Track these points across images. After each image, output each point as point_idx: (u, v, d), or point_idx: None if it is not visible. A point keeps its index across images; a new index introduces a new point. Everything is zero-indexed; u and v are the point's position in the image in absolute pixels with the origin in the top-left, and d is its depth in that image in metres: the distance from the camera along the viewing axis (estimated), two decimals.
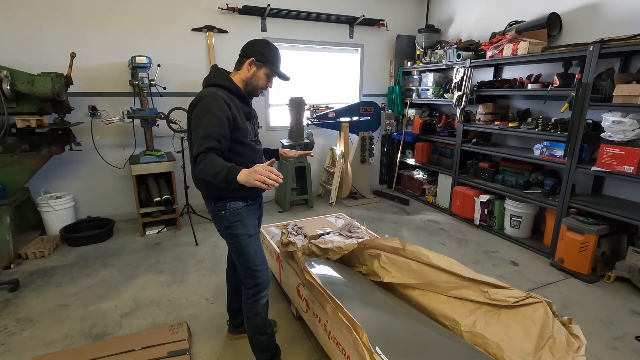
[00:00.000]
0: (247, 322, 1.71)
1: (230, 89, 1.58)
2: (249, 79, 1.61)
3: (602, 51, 2.60)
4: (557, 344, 1.41)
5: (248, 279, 1.64)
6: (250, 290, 1.64)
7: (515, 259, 3.15)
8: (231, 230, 1.61)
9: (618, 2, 2.87)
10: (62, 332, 2.15)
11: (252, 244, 1.62)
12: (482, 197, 3.75)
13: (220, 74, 1.61)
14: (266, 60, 1.59)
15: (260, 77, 1.61)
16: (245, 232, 1.61)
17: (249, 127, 1.63)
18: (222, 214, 1.60)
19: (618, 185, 3.00)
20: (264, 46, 1.60)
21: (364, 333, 1.38)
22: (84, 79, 3.47)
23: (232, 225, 1.60)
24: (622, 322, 2.28)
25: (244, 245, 1.61)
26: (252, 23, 4.12)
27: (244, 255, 1.61)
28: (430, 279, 1.86)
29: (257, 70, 1.60)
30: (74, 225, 3.55)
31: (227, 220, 1.60)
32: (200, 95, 1.52)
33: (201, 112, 1.47)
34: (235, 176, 1.31)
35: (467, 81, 3.76)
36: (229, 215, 1.60)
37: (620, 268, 2.69)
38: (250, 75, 1.60)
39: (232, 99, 1.56)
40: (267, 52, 1.59)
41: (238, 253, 1.63)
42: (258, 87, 1.63)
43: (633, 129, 2.45)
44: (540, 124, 3.18)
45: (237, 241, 1.61)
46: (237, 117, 1.54)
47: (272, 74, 1.63)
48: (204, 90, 1.56)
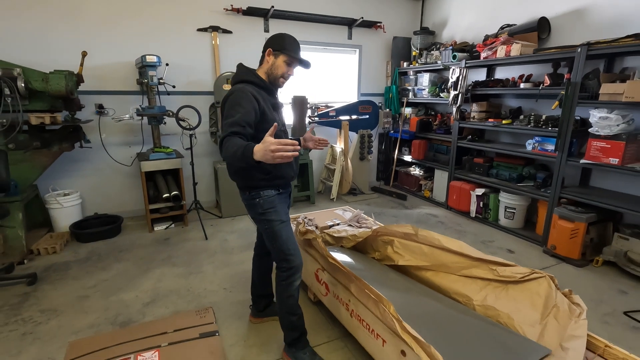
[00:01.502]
0: (279, 303, 1.80)
1: (257, 83, 1.70)
2: (269, 70, 1.71)
3: (589, 53, 2.82)
4: (560, 312, 1.58)
5: (282, 262, 1.73)
6: (285, 273, 1.73)
7: (510, 247, 3.35)
8: (265, 216, 1.72)
9: (602, 8, 3.11)
10: (88, 321, 2.22)
11: (284, 229, 1.73)
12: (478, 190, 3.95)
13: (247, 70, 1.73)
14: (282, 47, 1.68)
15: (280, 65, 1.70)
16: (278, 218, 1.72)
17: (276, 118, 1.74)
18: (257, 201, 1.71)
19: (604, 177, 3.24)
20: (279, 36, 1.71)
21: (390, 305, 1.52)
22: (90, 78, 3.51)
23: (266, 212, 1.71)
24: (611, 300, 2.49)
25: (277, 231, 1.71)
26: (255, 24, 4.23)
27: (277, 240, 1.72)
28: (442, 261, 2.02)
29: (275, 60, 1.70)
30: (81, 222, 3.59)
31: (261, 207, 1.71)
32: (230, 91, 1.65)
33: (230, 105, 1.58)
34: (251, 153, 1.33)
35: (463, 81, 3.96)
36: (263, 202, 1.71)
37: (607, 253, 2.92)
38: (270, 66, 1.71)
39: (259, 92, 1.68)
40: (281, 40, 1.70)
41: (272, 238, 1.73)
42: (279, 75, 1.72)
43: (618, 124, 2.67)
44: (532, 121, 3.40)
45: (271, 227, 1.71)
46: (265, 108, 1.66)
47: (290, 60, 1.71)
48: (234, 87, 1.67)
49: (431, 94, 4.71)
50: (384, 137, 5.35)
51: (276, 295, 1.81)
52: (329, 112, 4.61)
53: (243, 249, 3.24)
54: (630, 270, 2.74)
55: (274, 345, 2.00)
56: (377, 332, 1.68)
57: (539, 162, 3.71)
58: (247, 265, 2.92)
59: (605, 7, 3.09)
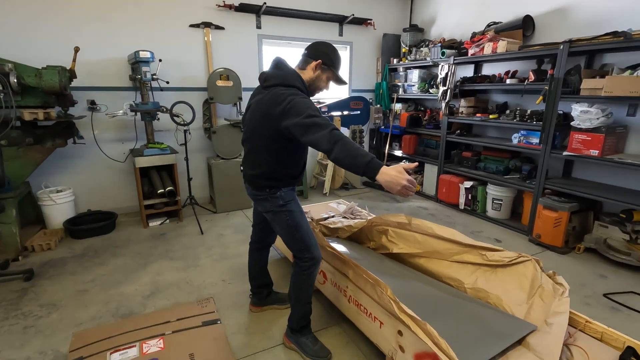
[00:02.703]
0: (298, 293, 1.81)
1: (303, 91, 1.64)
2: (312, 80, 1.70)
3: (571, 50, 2.96)
4: (545, 292, 1.69)
5: (304, 252, 1.74)
6: (307, 264, 1.75)
7: (498, 237, 3.49)
8: (287, 207, 1.74)
9: (584, 6, 3.25)
10: (89, 314, 2.25)
11: (304, 220, 1.78)
12: (466, 183, 4.09)
13: (297, 76, 1.66)
14: (332, 64, 1.69)
15: (323, 79, 1.71)
16: (298, 209, 1.77)
17: None
18: (278, 194, 1.73)
19: (585, 168, 3.40)
20: (332, 50, 1.70)
21: (388, 287, 1.61)
22: (83, 73, 3.49)
23: (287, 203, 1.74)
24: (592, 284, 2.64)
25: (299, 221, 1.75)
26: (247, 20, 4.26)
27: (299, 231, 1.73)
28: (435, 248, 2.12)
29: (321, 73, 1.70)
30: (75, 218, 3.58)
31: (282, 199, 1.73)
32: (285, 95, 1.52)
33: (305, 105, 1.48)
34: (377, 170, 1.32)
35: (451, 77, 4.08)
36: (284, 194, 1.74)
37: (589, 240, 3.08)
38: (314, 77, 1.70)
39: None
40: (333, 56, 1.70)
41: (294, 228, 1.74)
42: (318, 88, 1.73)
43: (598, 117, 2.82)
44: (518, 115, 3.54)
45: (292, 217, 1.74)
46: None
47: (333, 77, 1.74)
48: (289, 91, 1.55)
49: (421, 90, 4.82)
50: (375, 132, 5.45)
51: (294, 285, 1.82)
52: (321, 108, 4.68)
53: (240, 242, 3.29)
54: (610, 256, 2.89)
55: (276, 331, 2.07)
56: (374, 315, 1.76)
57: (524, 155, 3.85)
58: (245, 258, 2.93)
59: (587, 6, 3.23)
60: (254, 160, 1.76)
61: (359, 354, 1.90)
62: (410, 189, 1.33)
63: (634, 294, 2.49)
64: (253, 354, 1.90)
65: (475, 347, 1.46)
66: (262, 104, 1.63)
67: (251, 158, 1.78)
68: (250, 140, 1.75)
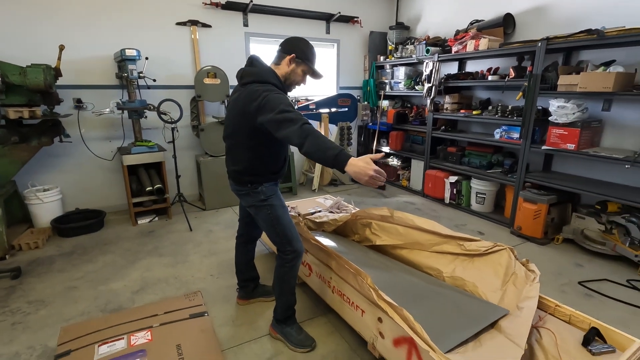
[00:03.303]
0: (280, 285, 1.87)
1: (279, 87, 1.67)
2: (287, 75, 1.73)
3: (548, 47, 3.05)
4: (518, 278, 1.78)
5: (286, 246, 1.79)
6: (289, 256, 1.80)
7: (481, 229, 3.59)
8: (268, 201, 1.78)
9: (561, 5, 3.35)
10: (78, 309, 2.28)
11: (286, 214, 1.82)
12: (451, 178, 4.18)
13: (271, 72, 1.69)
14: (306, 57, 1.72)
15: (298, 73, 1.74)
16: (279, 203, 1.82)
17: None
18: (259, 189, 1.77)
19: (563, 162, 3.51)
20: (304, 44, 1.73)
21: (368, 276, 1.67)
22: (69, 72, 3.48)
23: (269, 198, 1.79)
24: (568, 272, 2.75)
25: (281, 215, 1.79)
26: (234, 18, 4.28)
27: (280, 224, 1.78)
28: (416, 239, 2.20)
29: (296, 67, 1.72)
30: (63, 217, 3.58)
31: (264, 194, 1.78)
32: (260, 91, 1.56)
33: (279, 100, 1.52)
34: (345, 161, 1.37)
35: (436, 74, 4.16)
36: (266, 189, 1.79)
37: (567, 231, 3.19)
38: (289, 71, 1.73)
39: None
40: (306, 49, 1.73)
41: (275, 223, 1.78)
42: (294, 82, 1.76)
43: (574, 112, 2.92)
44: (499, 111, 3.64)
45: (274, 211, 1.78)
46: None
47: (308, 71, 1.76)
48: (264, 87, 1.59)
49: (407, 87, 4.90)
50: (363, 129, 5.52)
51: (277, 277, 1.88)
52: (309, 105, 4.73)
53: (228, 238, 3.33)
54: (586, 245, 3.01)
55: (262, 323, 2.13)
56: (356, 304, 1.83)
57: (506, 150, 3.96)
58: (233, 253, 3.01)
59: (564, 4, 3.33)
60: (235, 157, 1.81)
61: (343, 342, 1.97)
62: (377, 179, 1.37)
63: (607, 281, 2.60)
64: (240, 345, 1.95)
65: (450, 331, 1.54)
66: (238, 101, 1.68)
67: (232, 154, 1.83)
68: (230, 136, 1.80)
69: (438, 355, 1.31)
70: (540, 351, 1.48)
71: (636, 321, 2.17)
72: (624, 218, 2.77)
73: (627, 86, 2.71)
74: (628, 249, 2.73)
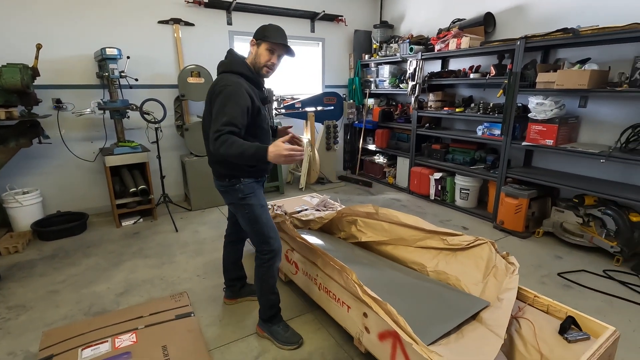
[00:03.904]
0: (260, 284, 1.87)
1: (249, 76, 1.72)
2: (254, 60, 1.74)
3: (527, 45, 3.13)
4: (499, 271, 1.83)
5: (263, 245, 1.80)
6: (266, 256, 1.81)
7: (465, 224, 3.66)
8: (245, 201, 1.78)
9: (539, 4, 3.44)
10: (61, 313, 2.23)
11: (264, 213, 1.82)
12: (436, 175, 4.25)
13: (241, 61, 1.73)
14: (263, 35, 1.69)
15: (262, 53, 1.71)
16: (258, 202, 1.80)
17: (266, 112, 1.79)
18: (237, 187, 1.77)
19: (543, 157, 3.61)
20: (262, 26, 1.74)
21: (353, 273, 1.70)
22: (47, 71, 3.39)
23: (247, 197, 1.78)
24: (548, 264, 2.83)
25: (258, 214, 1.79)
26: (218, 16, 4.24)
27: (258, 223, 1.78)
28: (400, 235, 2.23)
29: (257, 49, 1.72)
30: (44, 220, 3.49)
31: (241, 192, 1.77)
32: (224, 84, 1.62)
33: (226, 100, 1.58)
34: (265, 154, 1.47)
35: (419, 72, 4.22)
36: (244, 187, 1.78)
37: (547, 224, 3.28)
38: (254, 55, 1.73)
39: (251, 87, 1.71)
40: (263, 29, 1.72)
41: (253, 222, 1.79)
42: (262, 64, 1.72)
43: (552, 109, 3.00)
44: (481, 108, 3.71)
45: (252, 210, 1.78)
46: (259, 106, 1.72)
47: (272, 47, 1.70)
48: (227, 79, 1.65)
49: (392, 85, 4.95)
50: (349, 127, 5.55)
51: (257, 277, 1.88)
52: (295, 103, 4.72)
53: (215, 238, 3.31)
54: (565, 238, 3.10)
55: (249, 322, 2.13)
56: (342, 300, 1.85)
57: (489, 146, 4.04)
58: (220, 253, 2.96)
59: (542, 4, 3.42)
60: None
61: (329, 338, 1.99)
62: (293, 155, 1.48)
63: (585, 272, 2.70)
64: (227, 344, 1.95)
65: (432, 324, 1.57)
66: (209, 91, 1.73)
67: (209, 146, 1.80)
68: (205, 127, 1.80)
69: (421, 348, 1.34)
70: (520, 340, 1.53)
71: (612, 309, 2.26)
72: (600, 211, 2.87)
73: (601, 83, 2.81)
74: (604, 240, 2.83)
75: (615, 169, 3.06)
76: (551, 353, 1.43)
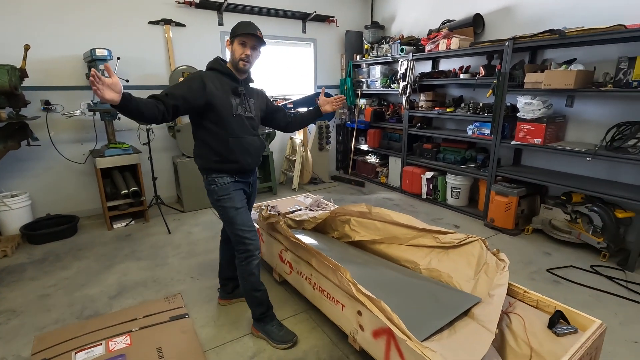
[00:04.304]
0: (242, 283, 1.92)
1: (220, 70, 1.83)
2: (232, 56, 1.82)
3: (515, 46, 3.19)
4: (490, 268, 1.86)
5: (239, 245, 1.86)
6: (242, 255, 1.86)
7: (457, 223, 3.71)
8: (220, 203, 1.84)
9: (526, 5, 3.51)
10: (52, 317, 2.21)
11: (239, 215, 1.84)
12: (428, 174, 4.29)
13: (215, 60, 1.88)
14: (233, 33, 1.79)
15: (236, 49, 1.79)
16: (232, 205, 1.83)
17: (233, 102, 1.82)
18: (212, 188, 1.84)
19: (532, 156, 3.68)
20: (234, 26, 1.81)
21: (347, 271, 1.72)
22: (35, 72, 3.35)
23: (221, 199, 1.83)
24: (537, 261, 2.89)
25: (232, 217, 1.83)
26: (209, 17, 4.23)
27: (233, 225, 1.84)
28: (393, 234, 2.26)
29: (232, 47, 1.81)
30: (33, 223, 3.44)
31: (216, 194, 1.83)
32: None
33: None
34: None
35: (410, 72, 4.26)
36: (218, 189, 1.83)
37: (536, 222, 3.35)
38: (231, 52, 1.82)
39: (219, 77, 1.81)
40: (234, 28, 1.79)
41: (228, 223, 1.86)
42: (237, 59, 1.79)
43: (539, 108, 3.07)
44: (471, 108, 3.77)
45: (226, 213, 1.84)
46: (215, 90, 1.75)
47: (242, 40, 1.76)
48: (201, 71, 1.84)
49: (383, 85, 4.99)
50: (341, 127, 5.57)
51: (238, 275, 1.93)
52: (287, 104, 4.73)
53: (208, 239, 3.31)
54: (554, 235, 3.17)
55: (244, 322, 2.14)
56: (337, 299, 1.87)
57: (479, 146, 4.10)
58: (214, 254, 3.01)
59: (530, 5, 3.48)
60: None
61: (324, 337, 2.00)
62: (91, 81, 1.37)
63: (573, 268, 2.76)
64: (222, 345, 1.95)
65: (426, 320, 1.60)
66: None
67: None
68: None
69: (414, 344, 1.37)
70: (510, 335, 1.56)
71: (598, 303, 2.31)
72: (587, 208, 2.94)
73: (587, 83, 2.88)
74: (591, 236, 2.90)
75: (601, 166, 3.13)
76: (541, 347, 1.47)
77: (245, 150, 1.87)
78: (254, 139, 1.91)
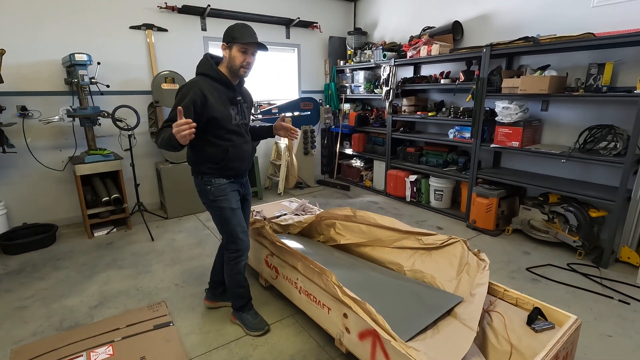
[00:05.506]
0: (229, 279, 2.00)
1: (213, 76, 1.77)
2: (228, 63, 1.78)
3: (492, 52, 3.30)
4: (471, 267, 1.91)
5: (230, 244, 1.90)
6: (233, 254, 1.91)
7: (440, 225, 3.78)
8: (216, 203, 1.84)
9: (503, 13, 3.63)
10: (30, 330, 2.14)
11: (234, 216, 1.87)
12: (411, 177, 4.37)
13: (207, 63, 1.80)
14: (233, 38, 1.73)
15: (236, 56, 1.74)
16: (229, 206, 1.85)
17: (232, 112, 1.82)
18: (208, 188, 1.84)
19: (510, 158, 3.80)
20: (229, 28, 1.77)
21: (332, 274, 1.73)
22: (10, 77, 3.26)
23: (217, 199, 1.84)
24: (517, 260, 2.98)
25: (228, 217, 1.85)
26: (192, 22, 4.21)
27: (228, 225, 1.87)
28: (378, 236, 2.29)
29: (230, 52, 1.75)
30: (9, 233, 3.33)
31: (212, 194, 1.84)
32: (183, 84, 1.76)
33: (178, 98, 1.72)
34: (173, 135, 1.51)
35: (393, 77, 4.34)
36: (214, 190, 1.83)
37: (515, 222, 3.45)
38: (228, 58, 1.77)
39: (214, 86, 1.76)
40: (231, 31, 1.75)
41: (223, 223, 1.88)
42: (237, 66, 1.75)
43: (516, 112, 3.17)
44: (452, 112, 3.86)
45: (222, 213, 1.85)
46: (214, 102, 1.73)
47: (243, 48, 1.73)
48: (191, 79, 1.78)
49: (366, 90, 5.06)
50: (326, 132, 5.61)
51: (225, 273, 1.98)
52: (272, 109, 4.74)
53: (193, 246, 3.27)
54: (533, 235, 3.27)
55: (229, 329, 2.12)
56: (322, 303, 1.88)
57: (460, 149, 4.20)
58: (198, 261, 2.98)
59: (505, 13, 3.61)
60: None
61: (311, 341, 2.01)
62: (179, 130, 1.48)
63: (551, 266, 2.85)
64: (208, 352, 1.93)
65: (410, 321, 1.63)
66: None
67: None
68: None
69: (399, 344, 1.39)
70: (491, 332, 1.61)
71: (575, 300, 2.40)
72: (563, 208, 3.05)
73: (560, 88, 3.00)
74: (567, 235, 3.00)
75: (575, 168, 3.26)
76: (520, 342, 1.51)
77: (241, 157, 1.90)
78: (248, 145, 1.94)
